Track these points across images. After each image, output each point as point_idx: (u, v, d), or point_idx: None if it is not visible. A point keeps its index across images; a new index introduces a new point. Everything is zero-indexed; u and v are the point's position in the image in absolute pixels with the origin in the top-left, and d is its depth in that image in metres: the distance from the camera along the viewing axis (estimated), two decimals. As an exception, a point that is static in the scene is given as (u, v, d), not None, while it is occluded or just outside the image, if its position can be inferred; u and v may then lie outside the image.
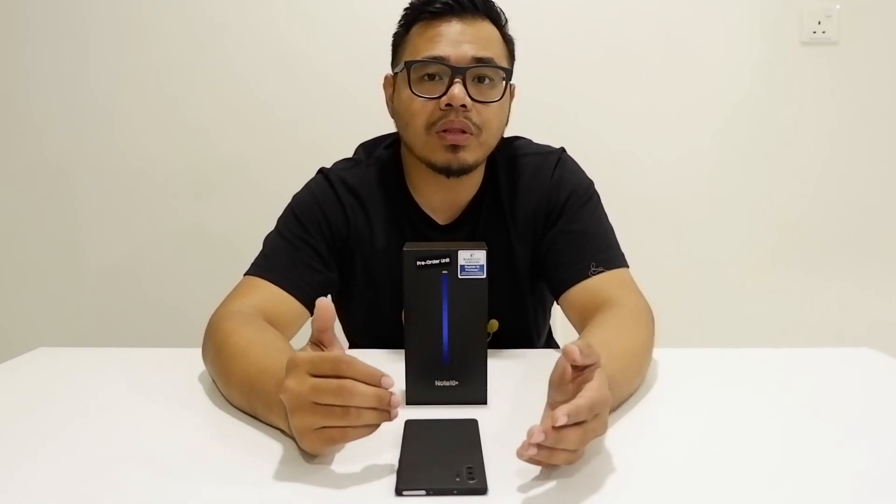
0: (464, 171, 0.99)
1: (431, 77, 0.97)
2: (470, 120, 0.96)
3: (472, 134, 0.96)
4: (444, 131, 0.96)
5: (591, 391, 0.60)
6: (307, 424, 0.61)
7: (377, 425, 0.61)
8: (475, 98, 0.96)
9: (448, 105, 0.95)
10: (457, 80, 0.94)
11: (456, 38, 0.96)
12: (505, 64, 1.00)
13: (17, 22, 1.94)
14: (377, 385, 0.60)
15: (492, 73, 0.98)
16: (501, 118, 1.01)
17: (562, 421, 0.56)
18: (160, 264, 2.00)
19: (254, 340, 0.82)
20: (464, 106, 0.94)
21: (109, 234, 2.00)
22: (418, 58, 0.97)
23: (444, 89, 0.95)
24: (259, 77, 1.93)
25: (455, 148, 0.96)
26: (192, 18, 1.92)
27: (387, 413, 0.61)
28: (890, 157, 1.95)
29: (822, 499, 0.58)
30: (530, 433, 0.56)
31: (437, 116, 0.96)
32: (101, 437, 0.72)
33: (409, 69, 0.97)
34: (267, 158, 1.94)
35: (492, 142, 1.00)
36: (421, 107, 0.97)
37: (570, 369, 0.64)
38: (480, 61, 0.96)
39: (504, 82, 0.99)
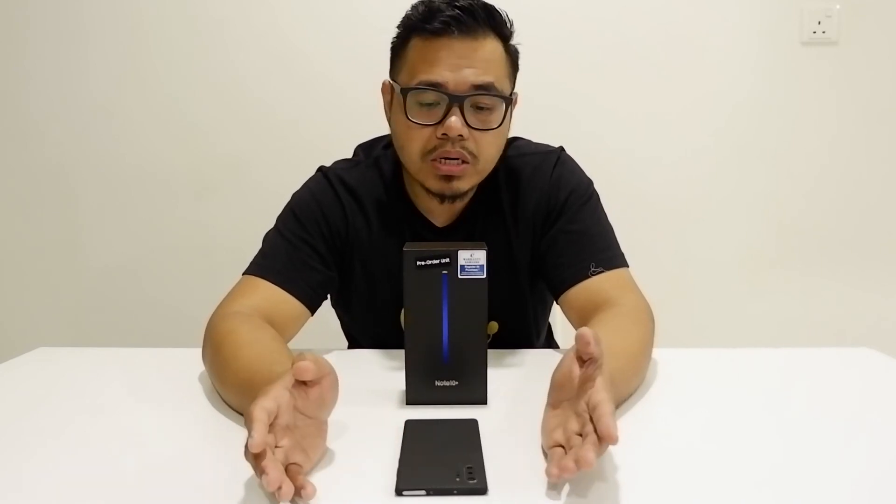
0: (457, 197, 0.99)
1: (429, 103, 0.93)
2: (466, 149, 0.93)
3: (467, 163, 0.94)
4: (440, 159, 0.94)
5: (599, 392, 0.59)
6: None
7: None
8: (473, 126, 0.93)
9: (444, 134, 0.92)
10: (454, 108, 0.91)
11: (455, 62, 0.91)
12: (506, 85, 0.96)
13: (17, 22, 1.94)
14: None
15: (491, 102, 0.93)
16: (499, 144, 0.99)
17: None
18: (160, 264, 2.00)
19: (249, 341, 0.82)
20: (460, 136, 0.92)
21: (109, 234, 2.00)
22: (414, 83, 0.93)
23: (440, 115, 0.92)
24: (259, 77, 1.93)
25: (449, 178, 0.95)
26: (192, 18, 1.92)
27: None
28: (890, 157, 1.95)
29: (822, 499, 0.58)
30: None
31: (433, 145, 0.93)
32: (101, 438, 0.72)
33: (405, 95, 0.94)
34: (267, 158, 1.94)
35: (488, 167, 0.98)
36: (417, 134, 0.94)
37: (575, 368, 0.64)
38: (480, 88, 0.92)
39: (505, 107, 0.95)
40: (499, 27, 0.94)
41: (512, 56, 0.98)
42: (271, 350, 0.80)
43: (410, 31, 0.95)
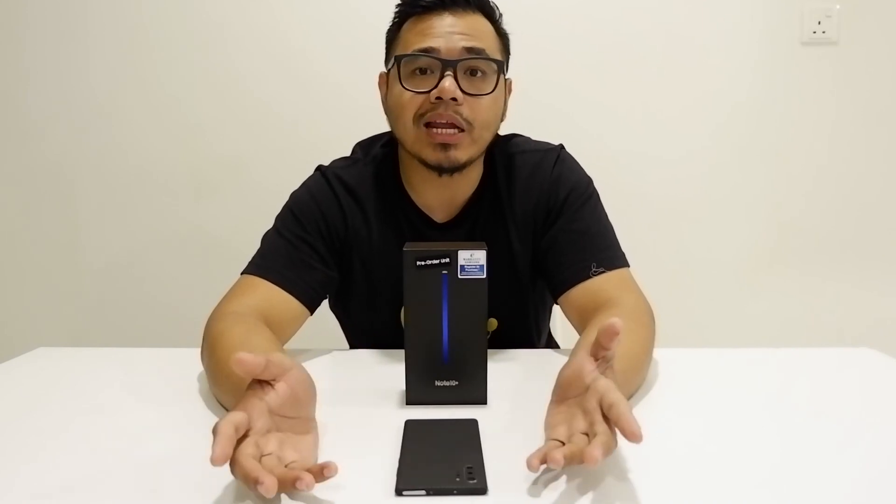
0: (456, 169, 0.97)
1: (423, 71, 0.95)
2: (460, 114, 0.94)
3: (462, 130, 0.95)
4: (434, 127, 0.94)
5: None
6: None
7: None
8: (466, 91, 0.94)
9: (438, 98, 0.93)
10: (447, 72, 0.93)
11: (447, 31, 0.94)
12: (498, 56, 0.98)
13: (17, 22, 1.94)
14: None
15: (484, 66, 0.96)
16: (495, 112, 0.99)
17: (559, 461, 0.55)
18: (160, 264, 2.00)
19: (242, 343, 0.81)
20: (454, 99, 0.93)
21: (109, 234, 2.00)
22: (408, 51, 0.95)
23: (434, 83, 0.93)
24: (259, 77, 1.93)
25: (446, 146, 0.95)
26: (191, 18, 1.92)
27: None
28: (889, 157, 1.95)
29: (822, 499, 0.57)
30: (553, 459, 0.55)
31: (426, 109, 0.94)
32: (101, 438, 0.72)
33: (399, 63, 0.96)
34: (267, 158, 1.94)
35: (486, 136, 0.99)
36: (410, 101, 0.95)
37: (587, 366, 0.64)
38: (472, 52, 0.94)
39: (497, 75, 0.97)
40: (486, 8, 0.99)
41: (502, 37, 1.01)
42: (265, 352, 0.79)
43: (404, 15, 0.99)
